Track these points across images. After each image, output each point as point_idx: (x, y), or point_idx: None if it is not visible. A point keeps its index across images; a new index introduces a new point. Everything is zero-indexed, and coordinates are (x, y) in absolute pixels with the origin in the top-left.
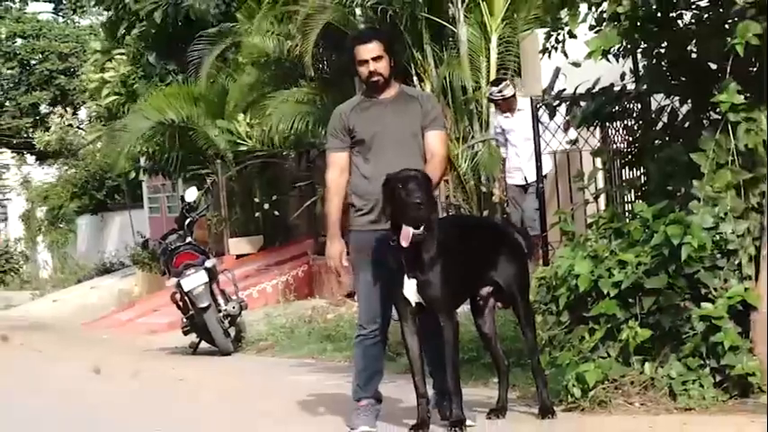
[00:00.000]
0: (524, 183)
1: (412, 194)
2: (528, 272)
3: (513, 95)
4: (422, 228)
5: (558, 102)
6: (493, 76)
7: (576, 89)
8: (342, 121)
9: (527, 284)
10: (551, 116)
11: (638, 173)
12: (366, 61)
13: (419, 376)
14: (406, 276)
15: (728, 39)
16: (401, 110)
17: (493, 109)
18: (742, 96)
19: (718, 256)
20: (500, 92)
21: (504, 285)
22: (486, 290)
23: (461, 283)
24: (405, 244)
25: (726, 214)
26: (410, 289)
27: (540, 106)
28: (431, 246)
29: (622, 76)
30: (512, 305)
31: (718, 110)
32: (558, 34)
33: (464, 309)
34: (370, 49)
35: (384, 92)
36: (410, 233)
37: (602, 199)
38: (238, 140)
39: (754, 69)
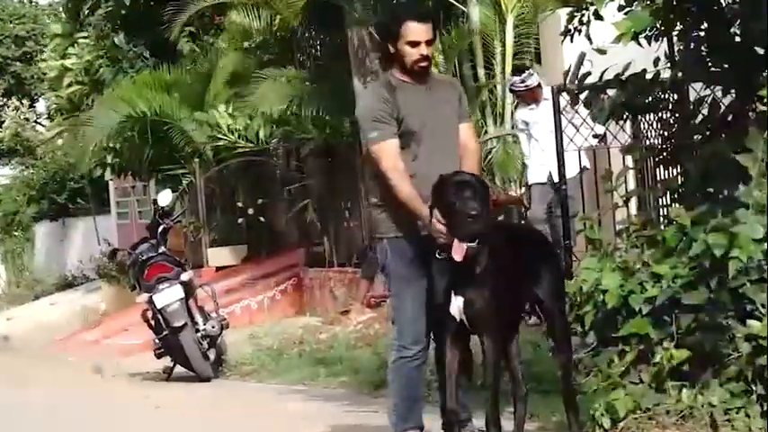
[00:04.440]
0: (550, 181)
1: (467, 204)
2: (564, 285)
3: (539, 85)
4: (476, 242)
5: (581, 90)
6: (509, 62)
7: (602, 75)
8: (388, 107)
9: (564, 299)
10: (573, 104)
11: (675, 172)
12: (419, 43)
13: (452, 397)
14: (453, 293)
15: None
16: (444, 96)
17: (510, 100)
18: None
19: (767, 267)
20: (522, 82)
21: (545, 301)
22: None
23: (510, 300)
24: (458, 258)
25: None
26: (456, 307)
27: (561, 93)
28: (483, 260)
29: (656, 62)
30: (548, 322)
31: (766, 101)
32: (583, 15)
33: None
34: (425, 31)
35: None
36: (464, 248)
37: (633, 202)
38: (219, 135)
39: None
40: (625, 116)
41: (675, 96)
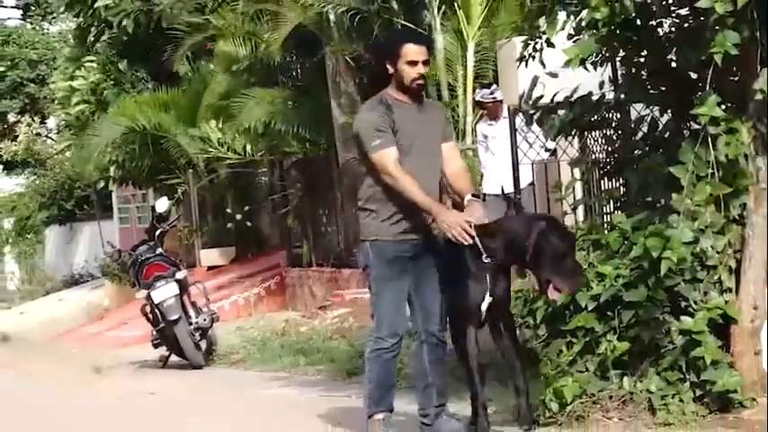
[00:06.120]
0: (501, 193)
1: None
2: (510, 281)
3: (501, 101)
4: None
5: (535, 109)
6: (470, 85)
7: (553, 97)
8: (388, 119)
9: (510, 300)
10: (528, 123)
11: (618, 184)
12: (417, 63)
13: (481, 384)
14: (488, 293)
15: (707, 48)
16: (432, 118)
17: (471, 118)
18: (721, 109)
19: (699, 268)
20: (491, 94)
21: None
22: None
23: None
24: (555, 299)
25: (705, 228)
26: (486, 305)
27: (517, 113)
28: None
29: (601, 85)
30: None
31: (698, 120)
32: (536, 43)
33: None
34: (423, 51)
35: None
36: (559, 295)
37: (580, 210)
38: (210, 148)
39: (736, 79)
40: (573, 133)
41: (618, 116)
